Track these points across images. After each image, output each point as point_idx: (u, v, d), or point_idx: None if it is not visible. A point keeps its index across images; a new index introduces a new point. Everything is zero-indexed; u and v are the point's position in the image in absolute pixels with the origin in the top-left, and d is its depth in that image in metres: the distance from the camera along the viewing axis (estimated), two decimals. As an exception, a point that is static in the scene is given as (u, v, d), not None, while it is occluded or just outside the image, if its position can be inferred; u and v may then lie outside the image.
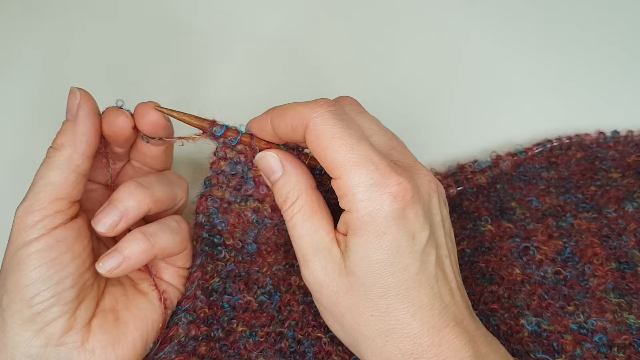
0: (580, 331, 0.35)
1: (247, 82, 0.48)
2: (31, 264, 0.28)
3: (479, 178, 0.41)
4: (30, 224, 0.28)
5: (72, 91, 0.31)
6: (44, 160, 0.30)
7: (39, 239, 0.28)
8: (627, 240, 0.38)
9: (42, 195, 0.29)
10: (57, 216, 0.29)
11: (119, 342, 0.30)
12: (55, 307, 0.28)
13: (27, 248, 0.28)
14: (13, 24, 0.50)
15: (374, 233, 0.27)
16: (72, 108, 0.30)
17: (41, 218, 0.28)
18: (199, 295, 0.33)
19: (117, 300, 0.32)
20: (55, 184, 0.29)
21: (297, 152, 0.33)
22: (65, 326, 0.29)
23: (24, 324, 0.28)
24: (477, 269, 0.38)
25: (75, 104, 0.30)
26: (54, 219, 0.29)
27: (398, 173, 0.27)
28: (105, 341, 0.30)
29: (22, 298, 0.28)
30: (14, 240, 0.29)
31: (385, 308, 0.27)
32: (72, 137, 0.30)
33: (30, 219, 0.28)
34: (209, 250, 0.34)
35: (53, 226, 0.29)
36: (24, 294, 0.28)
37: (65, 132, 0.30)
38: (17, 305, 0.28)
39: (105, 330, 0.30)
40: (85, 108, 0.30)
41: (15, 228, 0.29)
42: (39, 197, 0.29)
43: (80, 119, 0.30)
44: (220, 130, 0.32)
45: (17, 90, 0.47)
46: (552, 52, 0.50)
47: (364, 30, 0.51)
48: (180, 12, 0.51)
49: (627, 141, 0.44)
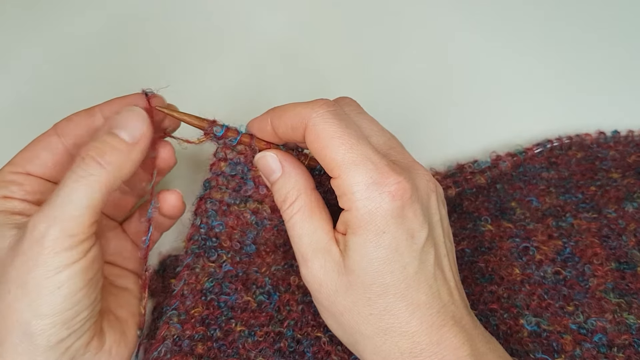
0: (580, 331, 0.35)
1: (247, 83, 0.48)
2: (74, 287, 0.27)
3: (478, 178, 0.41)
4: (68, 247, 0.26)
5: (138, 112, 0.30)
6: (82, 174, 0.27)
7: (81, 260, 0.27)
8: (627, 241, 0.38)
9: (82, 219, 0.27)
10: (92, 237, 0.28)
11: (125, 338, 0.31)
12: (88, 323, 0.28)
13: (69, 271, 0.26)
14: (12, 23, 0.50)
15: (373, 232, 0.27)
16: (134, 131, 0.29)
17: (80, 242, 0.27)
18: (187, 294, 0.33)
19: (108, 301, 0.32)
20: (95, 207, 0.27)
21: (297, 153, 0.33)
22: (89, 337, 0.28)
23: (54, 345, 0.27)
24: (477, 269, 0.38)
25: (138, 128, 0.29)
26: (90, 241, 0.28)
27: (397, 172, 0.27)
28: (117, 340, 0.30)
29: (61, 320, 0.26)
30: (46, 263, 0.26)
31: (384, 307, 0.27)
32: (125, 161, 0.28)
33: (68, 242, 0.26)
34: (198, 251, 0.34)
35: (89, 247, 0.27)
36: (64, 317, 0.26)
37: (117, 151, 0.28)
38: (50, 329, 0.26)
39: (114, 330, 0.30)
40: (148, 138, 0.29)
41: (49, 250, 0.26)
42: (80, 221, 0.26)
43: (140, 147, 0.29)
44: (220, 130, 0.32)
45: (16, 89, 0.47)
46: (551, 52, 0.50)
47: (363, 31, 0.51)
48: (180, 12, 0.51)
49: (627, 141, 0.44)
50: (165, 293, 0.37)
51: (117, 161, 0.28)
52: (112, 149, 0.28)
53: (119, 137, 0.29)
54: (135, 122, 0.29)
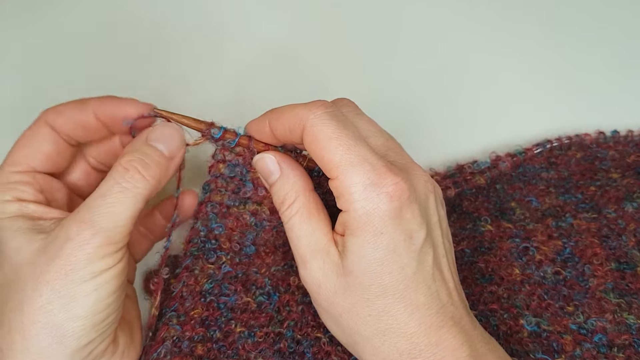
0: (580, 331, 0.35)
1: (245, 84, 0.48)
2: (107, 291, 0.27)
3: (478, 179, 0.41)
4: (107, 254, 0.27)
5: (175, 128, 0.31)
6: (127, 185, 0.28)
7: (115, 266, 0.28)
8: (627, 241, 0.38)
9: (125, 229, 0.28)
10: (126, 245, 0.29)
11: (133, 341, 0.31)
12: (113, 326, 0.29)
13: (104, 275, 0.27)
14: (11, 23, 0.50)
15: (371, 233, 0.27)
16: (172, 146, 0.30)
17: (117, 249, 0.28)
18: (186, 296, 0.33)
19: None
20: (135, 218, 0.28)
21: (295, 154, 0.33)
22: (110, 340, 0.29)
23: (83, 347, 0.27)
24: (477, 269, 0.38)
25: (176, 143, 0.30)
26: (125, 248, 0.28)
27: (395, 173, 0.27)
28: (127, 343, 0.30)
29: (92, 323, 0.27)
30: (86, 268, 0.27)
31: (383, 308, 0.27)
32: (164, 175, 0.29)
33: (109, 249, 0.27)
34: (197, 253, 0.34)
35: (124, 254, 0.28)
36: (95, 319, 0.27)
37: (159, 165, 0.29)
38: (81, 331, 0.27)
39: (124, 334, 0.31)
40: (183, 153, 0.30)
41: (92, 256, 0.27)
42: (122, 231, 0.27)
43: (176, 162, 0.30)
44: (218, 132, 0.32)
45: (15, 89, 0.47)
46: (551, 52, 0.50)
47: (362, 32, 0.51)
48: (179, 13, 0.51)
49: (627, 141, 0.44)
50: (165, 293, 0.37)
51: (159, 175, 0.29)
52: (155, 162, 0.29)
53: (159, 151, 0.29)
54: (174, 136, 0.30)
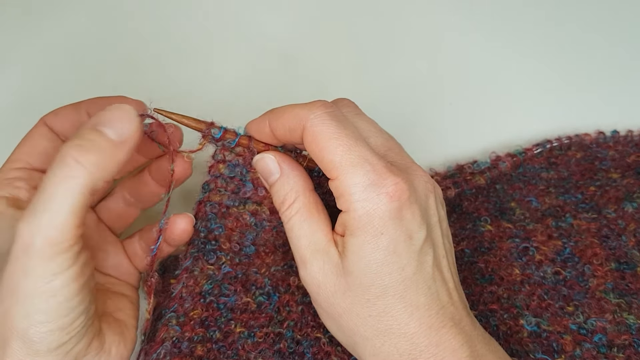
0: (580, 331, 0.35)
1: (245, 84, 0.48)
2: (68, 294, 0.25)
3: (478, 179, 0.41)
4: (55, 255, 0.25)
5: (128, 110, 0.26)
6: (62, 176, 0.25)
7: (70, 269, 0.25)
8: (627, 241, 0.38)
9: (66, 226, 0.24)
10: (80, 241, 0.26)
11: (124, 338, 0.31)
12: (86, 326, 0.27)
13: (60, 279, 0.25)
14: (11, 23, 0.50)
15: (371, 233, 0.27)
16: (122, 130, 0.26)
17: (67, 248, 0.25)
18: (185, 297, 0.33)
19: (106, 304, 0.32)
20: (78, 211, 0.25)
21: (295, 154, 0.33)
22: (90, 338, 0.28)
23: (55, 349, 0.26)
24: (477, 269, 0.38)
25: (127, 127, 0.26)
26: (78, 245, 0.26)
27: (395, 173, 0.27)
28: (116, 341, 0.30)
29: (58, 327, 0.26)
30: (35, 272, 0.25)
31: (383, 308, 0.27)
32: (109, 161, 0.25)
33: (54, 250, 0.25)
34: (197, 254, 0.34)
35: (78, 252, 0.26)
36: (61, 323, 0.26)
37: (101, 150, 0.25)
38: (49, 336, 0.26)
39: (112, 331, 0.30)
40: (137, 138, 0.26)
41: (36, 259, 0.24)
42: (64, 228, 0.24)
43: (127, 147, 0.26)
44: (218, 132, 0.32)
45: (14, 89, 0.47)
46: (551, 52, 0.50)
47: (362, 32, 0.51)
48: (179, 13, 0.51)
49: (626, 141, 0.44)
50: (165, 293, 0.37)
51: (100, 161, 0.25)
52: (95, 147, 0.25)
53: (105, 135, 0.26)
54: (124, 119, 0.26)
